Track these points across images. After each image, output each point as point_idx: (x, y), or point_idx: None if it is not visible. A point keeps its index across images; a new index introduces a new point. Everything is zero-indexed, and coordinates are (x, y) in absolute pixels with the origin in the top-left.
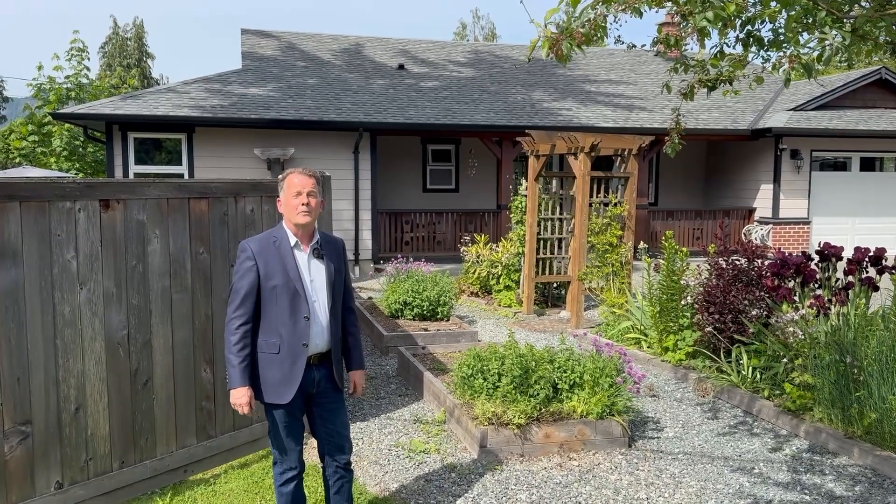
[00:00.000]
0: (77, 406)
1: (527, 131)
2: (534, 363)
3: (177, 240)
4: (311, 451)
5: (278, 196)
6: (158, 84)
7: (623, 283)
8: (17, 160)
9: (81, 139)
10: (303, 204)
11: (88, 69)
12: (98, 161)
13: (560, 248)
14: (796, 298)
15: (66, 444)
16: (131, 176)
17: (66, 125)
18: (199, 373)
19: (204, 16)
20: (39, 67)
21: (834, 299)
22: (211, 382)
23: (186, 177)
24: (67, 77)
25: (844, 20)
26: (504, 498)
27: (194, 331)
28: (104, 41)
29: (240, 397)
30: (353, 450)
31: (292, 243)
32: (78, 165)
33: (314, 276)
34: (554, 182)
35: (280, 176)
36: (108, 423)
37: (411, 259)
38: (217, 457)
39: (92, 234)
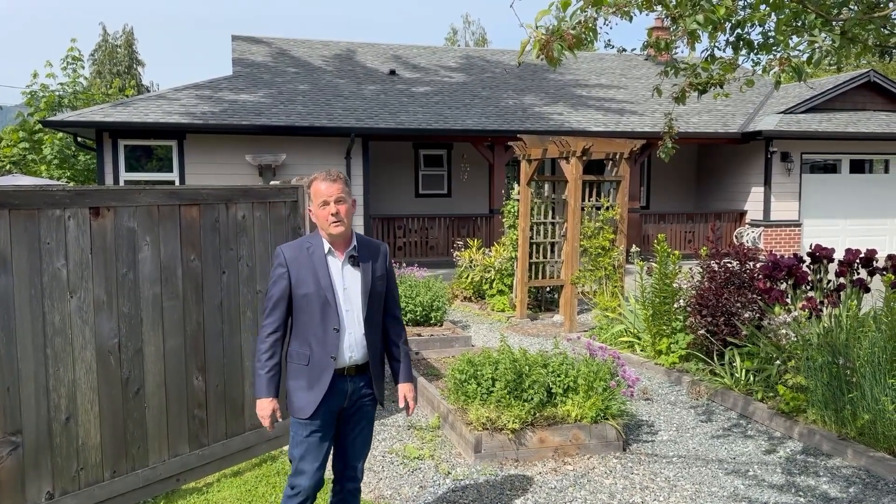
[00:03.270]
0: (68, 415)
1: (518, 136)
2: (527, 368)
3: (168, 247)
4: None
5: (308, 205)
6: (149, 91)
7: (616, 286)
8: (8, 168)
9: (72, 147)
10: (332, 214)
11: (86, 78)
12: (90, 169)
13: (553, 252)
14: (788, 300)
15: (57, 453)
16: (122, 183)
17: (56, 133)
18: (191, 380)
19: (197, 21)
20: (34, 75)
21: (826, 301)
22: (203, 390)
23: (177, 184)
24: (61, 84)
25: (834, 23)
26: None
27: (186, 338)
28: (94, 48)
29: (263, 409)
30: None
31: (326, 250)
32: (69, 173)
33: (348, 284)
34: (546, 186)
35: (305, 182)
36: (100, 433)
37: (404, 264)
38: (210, 465)
39: (82, 241)
